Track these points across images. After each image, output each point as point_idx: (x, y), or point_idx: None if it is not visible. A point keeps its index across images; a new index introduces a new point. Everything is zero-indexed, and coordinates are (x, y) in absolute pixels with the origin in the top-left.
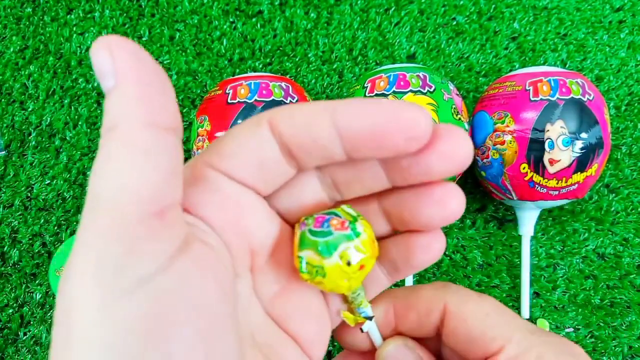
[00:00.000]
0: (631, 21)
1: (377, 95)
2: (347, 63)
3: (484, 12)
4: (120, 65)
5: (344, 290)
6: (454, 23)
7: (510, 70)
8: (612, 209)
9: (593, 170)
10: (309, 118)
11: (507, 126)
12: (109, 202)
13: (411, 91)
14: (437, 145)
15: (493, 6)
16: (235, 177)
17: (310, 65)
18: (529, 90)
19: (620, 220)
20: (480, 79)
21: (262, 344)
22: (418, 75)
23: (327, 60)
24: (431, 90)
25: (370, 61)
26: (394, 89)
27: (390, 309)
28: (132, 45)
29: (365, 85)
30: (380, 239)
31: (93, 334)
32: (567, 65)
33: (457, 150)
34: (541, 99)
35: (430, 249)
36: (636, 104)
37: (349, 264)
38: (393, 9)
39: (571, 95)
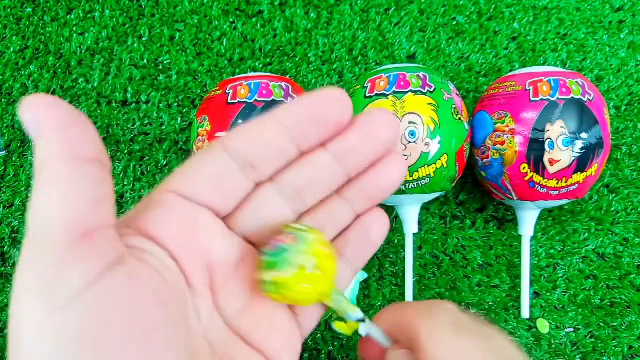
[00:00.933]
0: (631, 21)
1: (377, 95)
2: (347, 63)
3: (484, 12)
4: (41, 118)
5: (316, 298)
6: (454, 23)
7: (510, 70)
8: (612, 209)
9: (593, 170)
10: (257, 127)
11: (507, 126)
12: (38, 233)
13: (411, 91)
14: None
15: (493, 6)
16: (191, 197)
17: (310, 65)
18: (529, 90)
19: (620, 220)
20: (480, 79)
21: (224, 356)
22: (418, 75)
23: (327, 60)
24: (431, 90)
25: (370, 61)
26: (394, 88)
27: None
28: (51, 99)
29: (365, 85)
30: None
31: (36, 346)
32: (567, 65)
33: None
34: (541, 99)
35: (381, 223)
36: (636, 104)
37: (305, 269)
38: (393, 9)
39: (571, 95)
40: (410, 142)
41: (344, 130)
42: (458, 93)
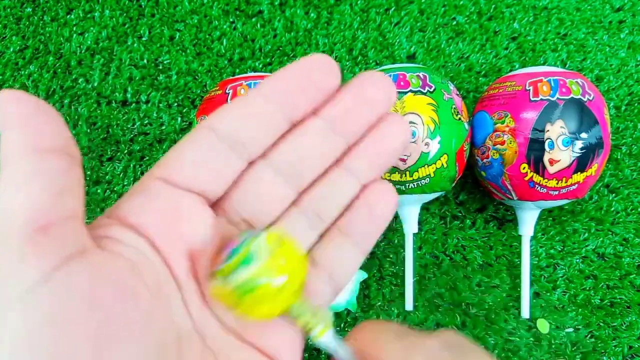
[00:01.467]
0: (631, 21)
1: None
2: (347, 63)
3: (484, 12)
4: (5, 112)
5: (271, 310)
6: (454, 23)
7: (510, 70)
8: (612, 209)
9: (593, 170)
10: (242, 103)
11: (507, 126)
12: None
13: (411, 91)
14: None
15: (493, 6)
16: (176, 182)
17: None
18: (529, 90)
19: (620, 220)
20: (480, 79)
21: (218, 352)
22: (418, 75)
23: None
24: (431, 90)
25: (370, 61)
26: None
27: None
28: (17, 93)
29: None
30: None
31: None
32: (567, 65)
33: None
34: (541, 99)
35: (387, 196)
36: (636, 104)
37: (256, 278)
38: (393, 9)
39: (571, 95)
40: (410, 142)
41: (335, 95)
42: (458, 93)
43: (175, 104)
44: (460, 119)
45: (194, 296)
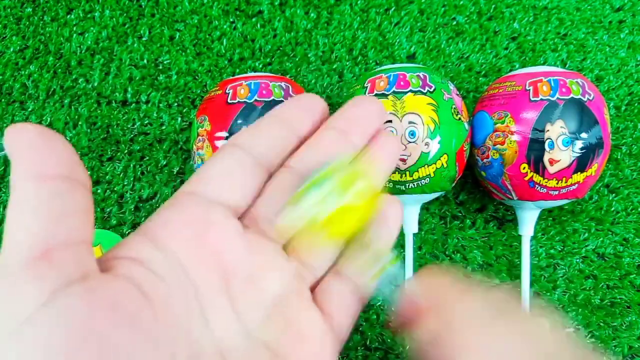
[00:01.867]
0: (631, 21)
1: (377, 95)
2: (347, 63)
3: (484, 12)
4: (10, 143)
5: (349, 230)
6: (454, 23)
7: (510, 70)
8: (612, 209)
9: (593, 170)
10: (259, 123)
11: (507, 126)
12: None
13: (411, 91)
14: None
15: (493, 6)
16: (203, 194)
17: (310, 65)
18: (529, 90)
19: (620, 220)
20: (480, 79)
21: None
22: (418, 75)
23: (327, 60)
24: (431, 90)
25: (370, 61)
26: (394, 88)
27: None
28: (23, 125)
29: (365, 85)
30: None
31: None
32: (567, 65)
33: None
34: (541, 99)
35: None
36: (636, 104)
37: (337, 196)
38: (393, 9)
39: (571, 95)
40: (410, 142)
41: (337, 113)
42: (458, 93)
43: (175, 104)
44: (460, 119)
45: (223, 312)
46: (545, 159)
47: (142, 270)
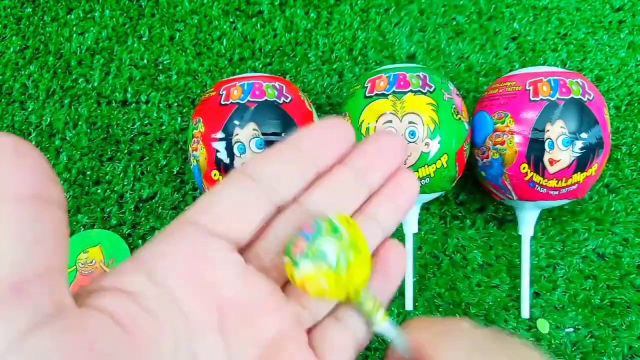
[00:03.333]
0: (631, 21)
1: (377, 95)
2: (347, 63)
3: (484, 12)
4: None
5: (340, 293)
6: (454, 23)
7: (510, 70)
8: (612, 209)
9: (593, 170)
10: (273, 151)
11: (507, 126)
12: None
13: (411, 91)
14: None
15: (493, 6)
16: (205, 224)
17: (310, 65)
18: (529, 90)
19: (620, 220)
20: (480, 79)
21: None
22: (418, 75)
23: (327, 60)
24: (431, 90)
25: (370, 61)
26: (394, 88)
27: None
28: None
29: (365, 85)
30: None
31: None
32: (567, 65)
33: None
34: (541, 99)
35: (399, 256)
36: (636, 104)
37: (332, 263)
38: (393, 9)
39: (571, 95)
40: (410, 142)
41: (356, 149)
42: (458, 93)
43: (175, 104)
44: (460, 119)
45: (215, 352)
46: (545, 159)
47: (128, 305)
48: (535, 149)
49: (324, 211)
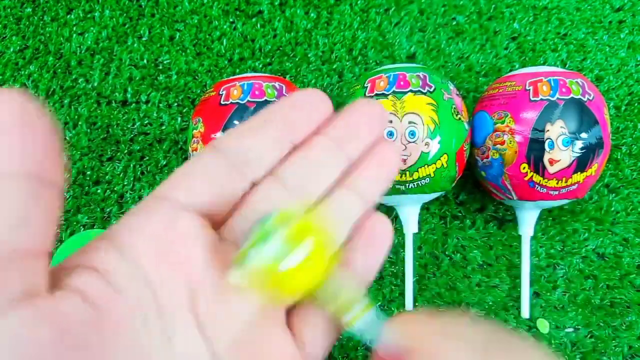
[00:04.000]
0: (631, 21)
1: (377, 95)
2: (347, 63)
3: (484, 12)
4: None
5: (300, 287)
6: (454, 23)
7: (510, 70)
8: (612, 209)
9: (593, 170)
10: (246, 125)
11: (507, 126)
12: None
13: (411, 91)
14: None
15: (493, 6)
16: (178, 199)
17: (310, 65)
18: (529, 90)
19: (620, 220)
20: (480, 79)
21: None
22: (418, 75)
23: (327, 60)
24: (431, 90)
25: (370, 61)
26: (394, 88)
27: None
28: (12, 97)
29: (365, 85)
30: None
31: None
32: (567, 65)
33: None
34: (541, 99)
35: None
36: (636, 104)
37: (280, 256)
38: (393, 9)
39: (571, 95)
40: (410, 142)
41: (334, 119)
42: (458, 93)
43: (175, 104)
44: (460, 119)
45: (188, 334)
46: (545, 159)
47: (102, 284)
48: (535, 149)
49: (301, 184)
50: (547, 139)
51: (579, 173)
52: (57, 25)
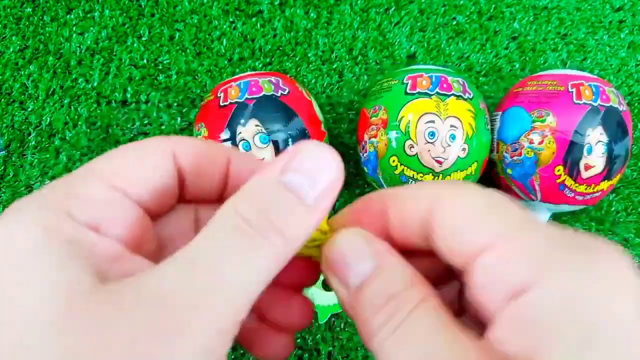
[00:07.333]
0: (631, 21)
1: (419, 93)
2: (347, 63)
3: (484, 12)
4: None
5: None
6: (454, 23)
7: (510, 70)
8: (612, 209)
9: (615, 180)
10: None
11: (548, 125)
12: None
13: (454, 95)
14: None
15: (493, 6)
16: (112, 182)
17: (310, 65)
18: (572, 92)
19: (620, 220)
20: (480, 78)
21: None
22: (458, 80)
23: (327, 60)
24: (470, 97)
25: (370, 61)
26: (437, 89)
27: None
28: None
29: (405, 81)
30: None
31: None
32: (567, 65)
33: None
34: (584, 103)
35: None
36: (636, 104)
37: None
38: (393, 8)
39: (610, 104)
40: (449, 145)
41: None
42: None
43: (175, 104)
44: (489, 129)
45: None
46: (582, 163)
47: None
48: (574, 152)
49: None
50: (586, 143)
51: (605, 181)
52: (57, 25)
